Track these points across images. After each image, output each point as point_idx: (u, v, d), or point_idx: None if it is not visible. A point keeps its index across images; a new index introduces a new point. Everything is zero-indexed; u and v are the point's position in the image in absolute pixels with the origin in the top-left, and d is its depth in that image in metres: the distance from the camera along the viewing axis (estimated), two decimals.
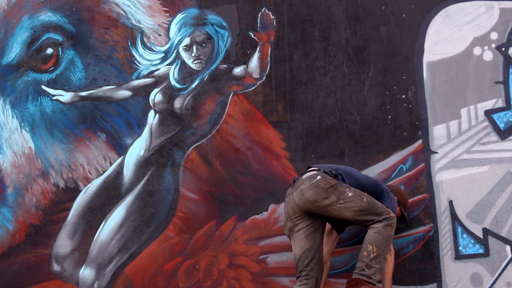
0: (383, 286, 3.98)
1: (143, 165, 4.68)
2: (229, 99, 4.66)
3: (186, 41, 4.75)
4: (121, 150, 4.72)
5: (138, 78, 4.77)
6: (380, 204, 3.85)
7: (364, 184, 3.98)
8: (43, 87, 4.85)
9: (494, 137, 4.35)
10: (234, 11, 4.73)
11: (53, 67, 4.87)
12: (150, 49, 4.78)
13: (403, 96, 4.49)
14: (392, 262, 4.04)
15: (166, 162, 4.66)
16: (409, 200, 4.31)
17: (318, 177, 3.82)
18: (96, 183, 4.71)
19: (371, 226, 3.81)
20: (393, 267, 4.05)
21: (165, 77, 4.74)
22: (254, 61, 4.66)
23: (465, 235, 4.28)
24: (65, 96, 4.83)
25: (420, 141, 4.42)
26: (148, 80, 4.76)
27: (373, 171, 4.40)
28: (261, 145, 4.60)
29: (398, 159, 4.43)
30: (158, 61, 4.77)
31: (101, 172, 4.72)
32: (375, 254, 3.76)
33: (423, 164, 4.37)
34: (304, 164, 4.46)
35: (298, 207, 3.86)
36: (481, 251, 4.25)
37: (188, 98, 4.69)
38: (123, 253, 4.61)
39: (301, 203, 3.84)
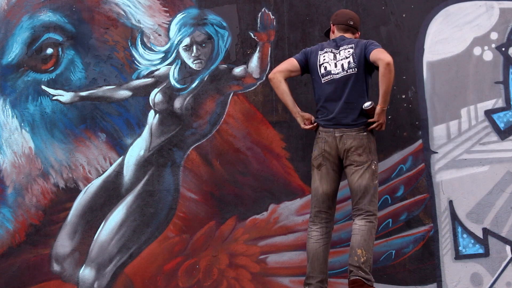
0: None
1: (143, 165, 4.68)
2: (229, 99, 4.65)
3: (186, 41, 4.75)
4: (121, 150, 4.72)
5: (138, 78, 4.77)
6: (377, 201, 3.96)
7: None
8: (43, 87, 4.84)
9: (494, 137, 4.35)
10: (234, 11, 4.73)
11: (53, 67, 4.86)
12: (150, 49, 4.78)
13: (403, 96, 4.49)
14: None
15: (166, 162, 4.66)
16: (409, 200, 4.33)
17: (365, 133, 3.98)
18: (96, 183, 4.71)
19: (356, 223, 3.91)
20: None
21: (165, 77, 4.74)
22: (254, 61, 4.66)
23: (465, 235, 4.28)
24: (65, 96, 4.82)
25: (420, 141, 4.42)
26: (148, 80, 4.76)
27: None
28: (261, 145, 4.60)
29: (398, 159, 4.43)
30: (158, 61, 4.76)
31: (101, 172, 4.72)
32: (365, 258, 3.85)
33: (423, 164, 4.37)
34: (304, 164, 4.46)
35: (336, 147, 3.99)
36: (481, 251, 4.26)
37: (188, 98, 4.69)
38: (123, 253, 4.61)
39: (340, 145, 3.97)
